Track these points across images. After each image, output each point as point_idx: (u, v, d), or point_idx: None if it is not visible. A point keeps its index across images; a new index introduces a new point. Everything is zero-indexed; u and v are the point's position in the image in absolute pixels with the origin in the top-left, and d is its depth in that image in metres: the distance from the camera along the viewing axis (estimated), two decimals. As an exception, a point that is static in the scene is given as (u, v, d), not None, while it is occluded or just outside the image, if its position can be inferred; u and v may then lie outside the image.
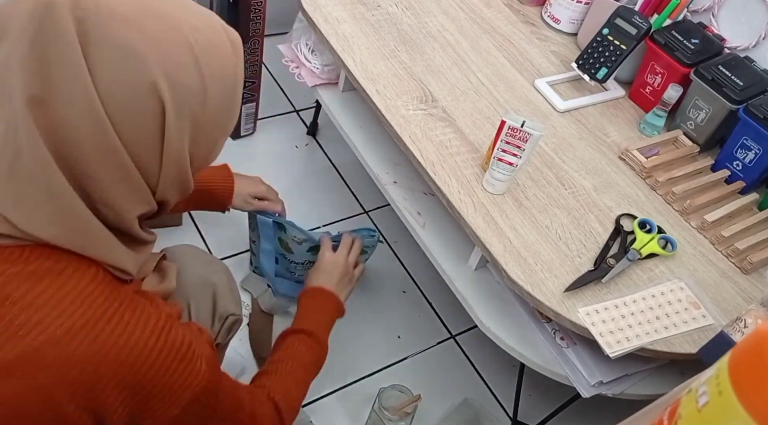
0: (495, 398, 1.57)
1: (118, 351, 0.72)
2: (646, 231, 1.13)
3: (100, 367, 0.71)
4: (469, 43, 1.43)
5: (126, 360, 0.72)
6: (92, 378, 0.71)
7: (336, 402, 1.49)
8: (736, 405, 0.47)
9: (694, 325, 1.03)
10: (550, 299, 1.03)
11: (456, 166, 1.18)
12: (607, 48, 1.32)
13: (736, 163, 1.25)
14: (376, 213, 1.87)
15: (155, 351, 0.74)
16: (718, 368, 0.50)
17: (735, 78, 1.23)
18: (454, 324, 1.68)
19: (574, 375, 1.09)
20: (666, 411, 0.57)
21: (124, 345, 0.72)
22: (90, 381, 0.71)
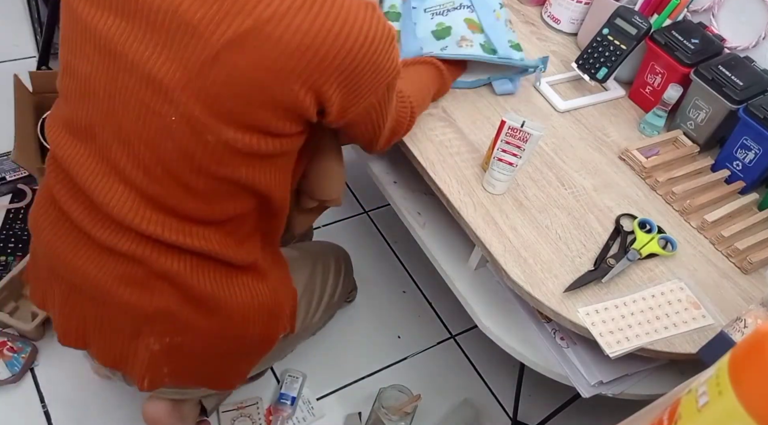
0: (495, 398, 1.57)
1: (336, 31, 0.81)
2: (646, 232, 1.13)
3: (321, 45, 0.81)
4: (469, 43, 1.43)
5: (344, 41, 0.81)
6: (314, 55, 0.81)
7: (336, 402, 1.49)
8: (736, 405, 0.47)
9: (694, 325, 1.03)
10: (550, 299, 1.03)
11: (456, 166, 1.18)
12: (607, 48, 1.32)
13: (736, 163, 1.25)
14: (376, 213, 1.87)
15: (369, 35, 0.83)
16: (718, 368, 0.50)
17: (735, 78, 1.23)
18: (454, 324, 1.68)
19: (574, 375, 1.09)
20: (666, 411, 0.57)
21: (344, 22, 0.81)
22: (312, 60, 0.81)
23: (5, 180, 1.66)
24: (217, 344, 1.05)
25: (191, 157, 0.87)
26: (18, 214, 1.62)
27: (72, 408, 1.37)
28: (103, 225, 0.94)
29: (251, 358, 1.16)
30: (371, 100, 0.91)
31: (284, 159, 0.95)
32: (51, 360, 1.42)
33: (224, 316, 1.01)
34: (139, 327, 1.01)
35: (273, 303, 1.07)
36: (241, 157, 0.88)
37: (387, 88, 0.92)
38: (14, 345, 1.41)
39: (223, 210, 0.94)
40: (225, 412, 1.41)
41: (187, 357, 1.06)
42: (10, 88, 1.56)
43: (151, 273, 0.95)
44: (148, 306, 0.97)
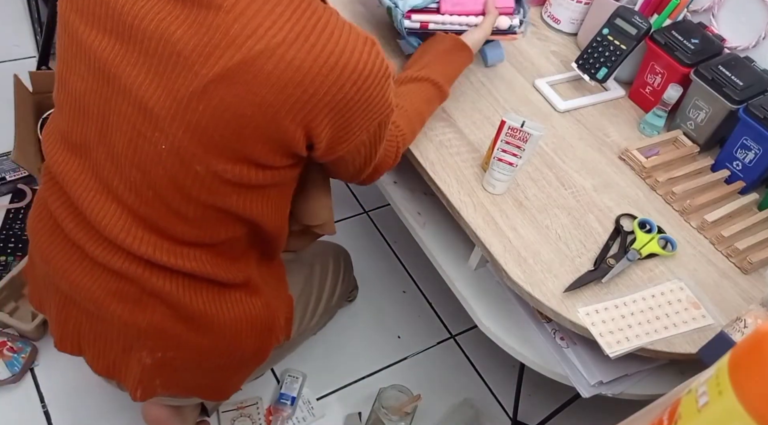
0: (495, 398, 1.57)
1: (334, 62, 0.78)
2: (646, 232, 1.13)
3: (315, 78, 0.78)
4: (469, 43, 1.43)
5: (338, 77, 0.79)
6: (306, 90, 0.79)
7: (336, 402, 1.49)
8: (736, 405, 0.47)
9: (694, 325, 1.03)
10: (550, 299, 1.03)
11: (456, 166, 1.18)
12: (607, 48, 1.32)
13: (736, 163, 1.25)
14: (376, 213, 1.87)
15: (363, 72, 0.80)
16: (718, 368, 0.50)
17: (735, 78, 1.23)
18: (454, 324, 1.68)
19: (574, 375, 1.09)
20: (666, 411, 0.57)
21: (339, 56, 0.78)
22: (304, 96, 0.79)
23: (5, 180, 1.66)
24: (210, 359, 1.06)
25: (181, 185, 0.87)
26: (18, 214, 1.62)
27: (72, 408, 1.37)
28: (96, 241, 0.94)
29: (245, 370, 1.16)
30: (362, 137, 0.89)
31: (277, 190, 0.94)
32: (51, 360, 1.42)
33: (216, 333, 1.02)
34: (132, 342, 1.02)
35: (266, 316, 1.07)
36: (231, 186, 0.87)
37: (379, 125, 0.89)
38: (14, 345, 1.41)
39: (213, 235, 0.93)
40: (225, 412, 1.41)
41: (180, 370, 1.06)
42: (10, 88, 1.56)
43: (143, 290, 0.96)
44: (140, 322, 0.98)
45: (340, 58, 0.78)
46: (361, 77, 0.80)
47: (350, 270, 1.50)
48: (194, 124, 0.81)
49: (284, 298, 1.15)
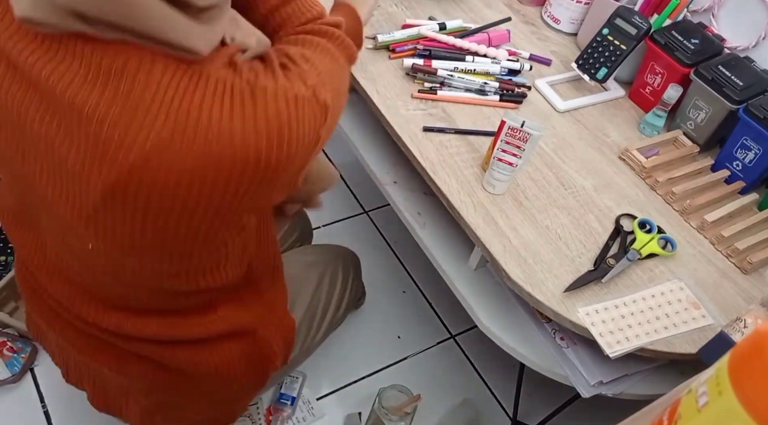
0: (495, 398, 1.57)
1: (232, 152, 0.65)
2: (646, 232, 1.13)
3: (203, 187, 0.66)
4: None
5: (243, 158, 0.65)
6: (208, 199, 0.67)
7: (336, 402, 1.49)
8: (736, 406, 0.47)
9: (694, 325, 1.03)
10: (549, 299, 1.03)
11: (456, 166, 1.18)
12: (607, 48, 1.32)
13: (736, 163, 1.25)
14: (376, 213, 1.87)
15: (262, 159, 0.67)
16: (718, 368, 0.50)
17: (735, 78, 1.23)
18: (454, 324, 1.68)
19: (574, 375, 1.09)
20: (666, 411, 0.57)
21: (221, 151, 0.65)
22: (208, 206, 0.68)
23: (5, 180, 1.66)
24: (206, 396, 1.05)
25: (121, 277, 0.81)
26: (18, 214, 1.62)
27: (72, 408, 1.37)
28: (67, 309, 0.92)
29: (245, 398, 1.15)
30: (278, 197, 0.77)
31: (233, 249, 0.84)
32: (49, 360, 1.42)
33: (207, 377, 0.99)
34: (126, 387, 1.03)
35: (259, 349, 1.03)
36: (175, 276, 0.81)
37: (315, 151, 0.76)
38: (14, 346, 1.40)
39: (177, 301, 0.89)
40: (225, 412, 1.41)
41: (178, 408, 1.07)
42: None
43: (123, 350, 0.95)
44: (129, 373, 0.98)
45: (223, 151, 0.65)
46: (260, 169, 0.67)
47: (359, 277, 1.45)
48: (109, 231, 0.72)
49: (282, 323, 1.10)
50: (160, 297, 0.87)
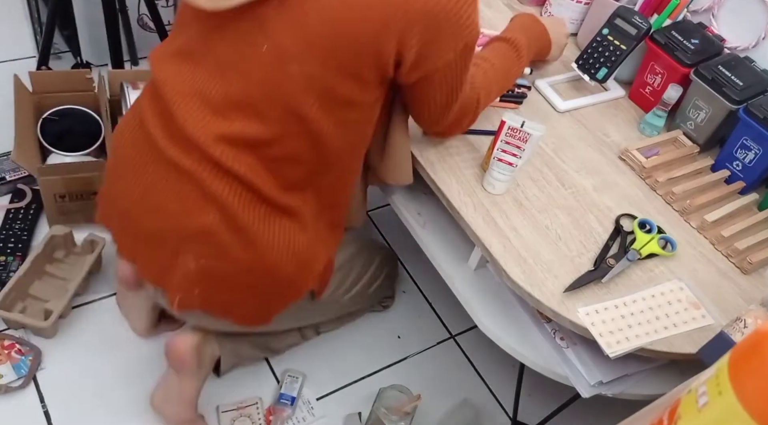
0: (495, 398, 1.57)
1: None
2: (646, 232, 1.13)
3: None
4: (469, 43, 1.43)
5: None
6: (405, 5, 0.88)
7: (336, 402, 1.49)
8: (736, 405, 0.47)
9: (694, 325, 1.03)
10: (549, 299, 1.03)
11: (456, 166, 1.18)
12: (607, 48, 1.32)
13: (735, 163, 1.25)
14: (376, 213, 1.87)
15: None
16: (718, 368, 0.50)
17: (735, 78, 1.23)
18: (454, 324, 1.68)
19: (574, 375, 1.09)
20: (666, 411, 0.57)
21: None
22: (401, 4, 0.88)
23: (5, 180, 1.66)
24: (247, 276, 1.11)
25: (272, 85, 0.95)
26: (18, 214, 1.61)
27: (72, 408, 1.37)
28: (174, 141, 1.03)
29: (277, 302, 1.20)
30: (448, 57, 0.95)
31: (355, 118, 1.01)
32: (50, 360, 1.42)
33: (258, 251, 1.07)
34: (181, 244, 1.08)
35: (307, 255, 1.12)
36: (316, 95, 0.95)
37: (465, 46, 0.95)
38: (22, 348, 1.41)
39: (282, 143, 1.00)
40: (225, 412, 1.41)
41: (218, 282, 1.12)
42: (10, 88, 1.56)
43: (203, 193, 1.03)
44: (193, 224, 1.05)
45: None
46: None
47: (393, 275, 1.59)
48: (297, 25, 0.90)
49: (327, 253, 1.20)
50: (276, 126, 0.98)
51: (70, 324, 1.48)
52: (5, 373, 1.37)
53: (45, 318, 1.41)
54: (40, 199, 1.58)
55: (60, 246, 1.54)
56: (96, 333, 1.48)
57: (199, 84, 1.01)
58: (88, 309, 1.51)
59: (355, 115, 1.01)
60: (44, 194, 1.53)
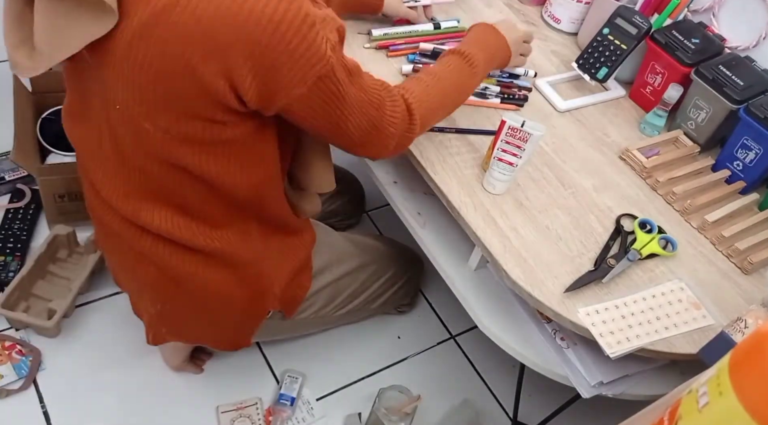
0: (495, 398, 1.57)
1: (234, 13, 0.77)
2: (647, 232, 1.13)
3: (221, 29, 0.78)
4: (470, 43, 1.42)
5: (244, 23, 0.77)
6: (216, 40, 0.79)
7: (336, 402, 1.49)
8: (737, 406, 0.46)
9: (695, 326, 1.03)
10: (550, 299, 1.02)
11: (456, 166, 1.18)
12: (608, 48, 1.32)
13: (736, 163, 1.25)
14: (376, 213, 1.87)
15: (274, 18, 0.78)
16: (719, 368, 0.50)
17: (735, 78, 1.23)
18: (454, 324, 1.68)
19: (575, 376, 1.09)
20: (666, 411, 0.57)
21: (240, 8, 0.77)
22: (215, 45, 0.79)
23: (4, 180, 1.66)
24: (204, 314, 1.16)
25: (141, 143, 0.91)
26: (17, 214, 1.61)
27: (71, 408, 1.37)
28: (102, 204, 1.05)
29: (243, 327, 1.23)
30: (300, 91, 0.84)
31: (233, 148, 0.92)
32: (51, 361, 1.42)
33: (203, 292, 1.10)
34: (139, 292, 1.18)
35: (255, 285, 1.13)
36: (183, 144, 0.89)
37: (319, 78, 0.84)
38: (23, 349, 1.41)
39: (183, 195, 0.97)
40: (224, 413, 1.41)
41: (180, 322, 1.19)
42: (9, 88, 1.56)
43: (135, 253, 1.06)
44: (139, 277, 1.12)
45: (243, 5, 0.77)
46: (270, 26, 0.78)
47: (412, 282, 1.57)
48: (130, 82, 0.84)
49: (287, 269, 1.18)
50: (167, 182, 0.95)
51: (73, 324, 1.48)
52: (6, 374, 1.37)
53: (48, 318, 1.41)
54: (40, 199, 1.58)
55: (63, 245, 1.54)
56: (99, 333, 1.48)
57: (94, 145, 0.99)
58: (91, 309, 1.51)
59: (237, 147, 0.92)
60: (44, 194, 1.53)
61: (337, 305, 1.36)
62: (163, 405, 1.41)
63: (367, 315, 1.53)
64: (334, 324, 1.49)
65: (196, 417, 1.40)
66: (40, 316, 1.42)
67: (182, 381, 1.45)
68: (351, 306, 1.39)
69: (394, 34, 1.34)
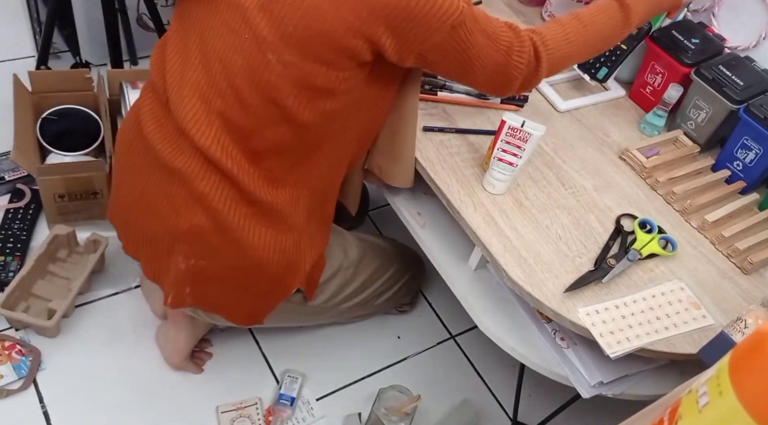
0: (495, 398, 1.57)
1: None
2: (647, 232, 1.13)
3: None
4: (469, 43, 1.42)
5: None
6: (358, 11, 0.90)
7: (336, 402, 1.49)
8: (737, 406, 0.46)
9: (695, 325, 1.03)
10: (550, 299, 1.02)
11: (456, 166, 1.18)
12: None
13: (736, 163, 1.25)
14: (376, 213, 1.87)
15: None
16: (719, 368, 0.50)
17: (735, 78, 1.22)
18: (454, 324, 1.68)
19: (574, 376, 1.09)
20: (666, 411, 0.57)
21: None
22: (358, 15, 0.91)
23: (4, 179, 1.66)
24: (234, 275, 1.15)
25: (253, 73, 0.98)
26: (17, 214, 1.61)
27: (71, 408, 1.37)
28: (169, 141, 1.07)
29: (265, 301, 1.22)
30: (434, 39, 0.94)
31: (334, 105, 1.01)
32: (51, 361, 1.42)
33: (244, 250, 1.10)
34: (172, 245, 1.13)
35: (293, 254, 1.14)
36: (294, 84, 0.97)
37: (452, 27, 0.93)
38: (23, 349, 1.41)
39: (264, 135, 1.02)
40: (224, 413, 1.41)
41: (208, 281, 1.16)
42: (9, 88, 1.56)
43: (191, 195, 1.07)
44: (182, 225, 1.09)
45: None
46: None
47: (414, 281, 1.58)
48: (275, 15, 0.94)
49: (317, 251, 1.22)
50: (258, 116, 1.01)
51: (73, 324, 1.48)
52: (6, 374, 1.37)
53: (48, 318, 1.41)
54: (39, 199, 1.58)
55: (63, 245, 1.53)
56: (98, 332, 1.48)
57: (189, 75, 1.03)
58: (91, 309, 1.51)
59: (335, 104, 1.01)
60: (43, 194, 1.53)
61: (345, 297, 1.37)
62: (163, 404, 1.41)
63: (370, 311, 1.53)
64: (339, 319, 1.49)
65: (196, 416, 1.40)
66: (40, 316, 1.41)
67: (182, 380, 1.45)
68: (357, 299, 1.40)
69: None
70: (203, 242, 1.10)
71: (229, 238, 1.09)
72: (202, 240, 1.09)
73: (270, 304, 1.23)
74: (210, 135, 1.03)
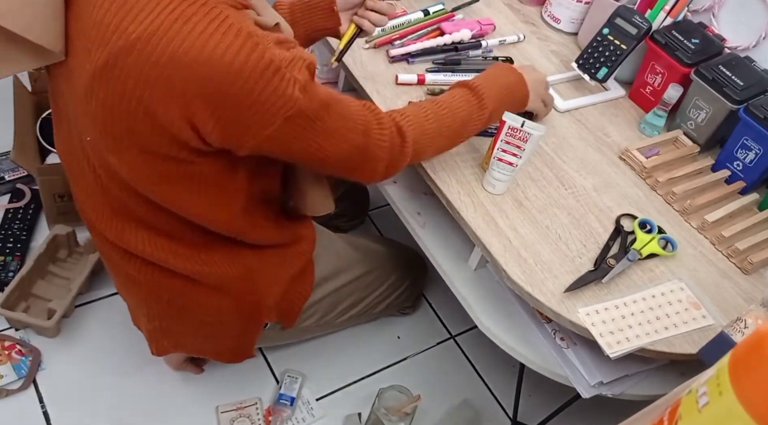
0: (495, 398, 1.57)
1: (191, 59, 0.75)
2: (647, 232, 1.13)
3: (178, 74, 0.76)
4: (469, 43, 1.42)
5: (203, 71, 0.76)
6: (173, 86, 0.77)
7: (336, 402, 1.49)
8: (737, 406, 0.46)
9: (695, 326, 1.03)
10: (550, 299, 1.02)
11: (456, 166, 1.18)
12: (608, 48, 1.32)
13: (736, 163, 1.25)
14: (376, 213, 1.87)
15: (234, 66, 0.76)
16: (719, 368, 0.50)
17: (735, 78, 1.22)
18: (454, 324, 1.68)
19: (574, 376, 1.09)
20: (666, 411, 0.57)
21: (198, 54, 0.75)
22: (173, 90, 0.77)
23: (4, 179, 1.66)
24: (200, 329, 1.18)
25: (112, 174, 0.92)
26: (17, 214, 1.61)
27: (71, 408, 1.37)
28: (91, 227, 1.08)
29: (244, 338, 1.23)
30: (268, 132, 0.82)
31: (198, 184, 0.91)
32: (51, 361, 1.42)
33: (194, 310, 1.12)
34: (135, 309, 1.19)
35: (249, 295, 1.13)
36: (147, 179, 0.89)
37: (286, 120, 0.81)
38: (23, 349, 1.41)
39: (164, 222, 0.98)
40: (224, 413, 1.41)
41: (178, 335, 1.20)
42: (9, 88, 1.56)
43: (125, 274, 1.09)
44: (133, 295, 1.15)
45: (202, 51, 0.74)
46: (232, 73, 0.75)
47: (415, 285, 1.57)
48: (94, 117, 0.84)
49: (281, 280, 1.17)
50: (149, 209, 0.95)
51: (73, 324, 1.48)
52: (5, 374, 1.37)
53: (48, 318, 1.41)
54: (40, 199, 1.58)
55: (63, 245, 1.54)
56: (98, 332, 1.48)
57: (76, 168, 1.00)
58: (91, 309, 1.51)
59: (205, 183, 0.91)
60: (43, 194, 1.53)
61: (340, 312, 1.36)
62: (163, 404, 1.41)
63: (369, 319, 1.53)
64: (339, 328, 1.49)
65: (196, 416, 1.40)
66: (40, 316, 1.42)
67: (182, 381, 1.45)
68: (353, 312, 1.39)
69: (390, 28, 1.35)
70: (156, 309, 1.13)
71: (176, 306, 1.11)
72: (154, 307, 1.13)
73: (248, 341, 1.24)
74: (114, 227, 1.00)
